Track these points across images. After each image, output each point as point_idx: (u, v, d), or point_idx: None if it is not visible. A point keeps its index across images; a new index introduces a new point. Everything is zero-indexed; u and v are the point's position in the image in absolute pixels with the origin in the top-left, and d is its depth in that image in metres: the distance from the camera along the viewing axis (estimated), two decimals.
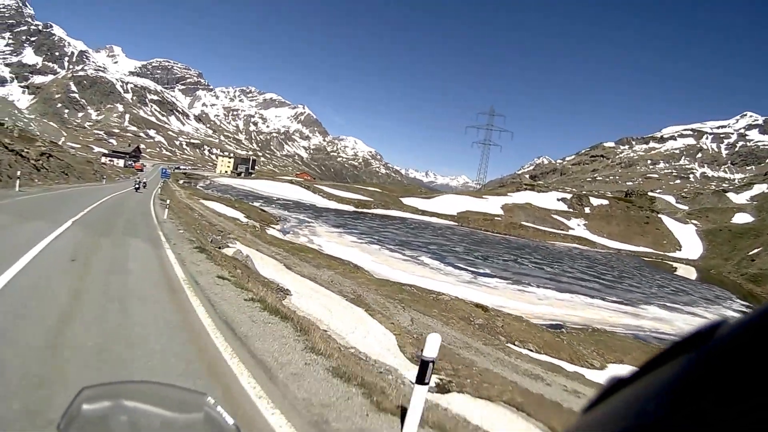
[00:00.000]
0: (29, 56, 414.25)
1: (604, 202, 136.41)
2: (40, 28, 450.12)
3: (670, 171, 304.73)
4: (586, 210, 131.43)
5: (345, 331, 11.11)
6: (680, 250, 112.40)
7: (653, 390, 0.44)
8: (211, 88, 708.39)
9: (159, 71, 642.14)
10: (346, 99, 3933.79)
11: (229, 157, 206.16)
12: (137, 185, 45.62)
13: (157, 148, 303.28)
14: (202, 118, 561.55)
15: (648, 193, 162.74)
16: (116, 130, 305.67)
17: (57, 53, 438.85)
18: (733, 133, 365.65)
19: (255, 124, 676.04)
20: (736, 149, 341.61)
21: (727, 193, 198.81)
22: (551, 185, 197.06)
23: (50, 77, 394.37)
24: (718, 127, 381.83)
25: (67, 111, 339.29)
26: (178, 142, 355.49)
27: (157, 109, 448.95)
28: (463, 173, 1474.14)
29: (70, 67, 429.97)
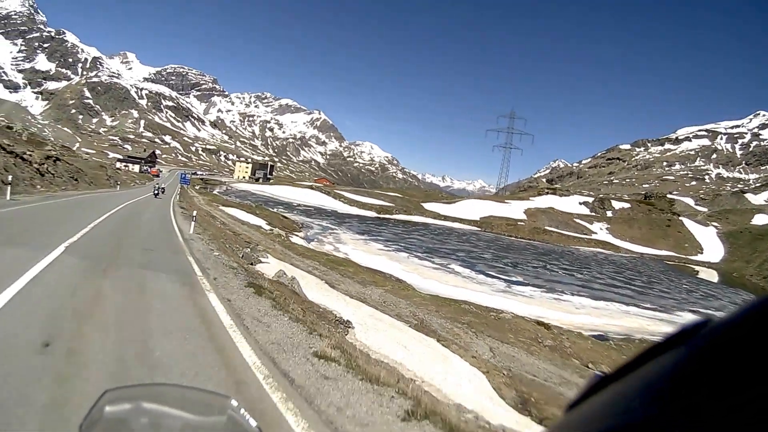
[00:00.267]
0: (42, 62, 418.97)
1: (626, 206, 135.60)
2: (53, 34, 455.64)
3: (686, 172, 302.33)
4: (608, 214, 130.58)
5: (432, 375, 9.99)
6: (702, 253, 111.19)
7: (638, 387, 0.44)
8: (227, 94, 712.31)
9: (174, 77, 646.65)
10: (361, 104, 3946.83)
11: (247, 163, 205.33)
12: (156, 191, 47.20)
13: (173, 154, 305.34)
14: (218, 124, 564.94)
15: (667, 196, 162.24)
16: (131, 136, 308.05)
17: (70, 59, 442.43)
18: (746, 133, 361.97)
19: (271, 130, 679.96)
20: (750, 149, 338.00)
21: (745, 194, 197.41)
22: (570, 189, 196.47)
23: (64, 83, 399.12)
24: (732, 127, 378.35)
25: (81, 117, 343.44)
26: (193, 148, 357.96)
27: (173, 115, 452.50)
28: (480, 177, 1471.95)
29: (84, 73, 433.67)
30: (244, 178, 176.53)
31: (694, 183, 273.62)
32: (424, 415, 4.80)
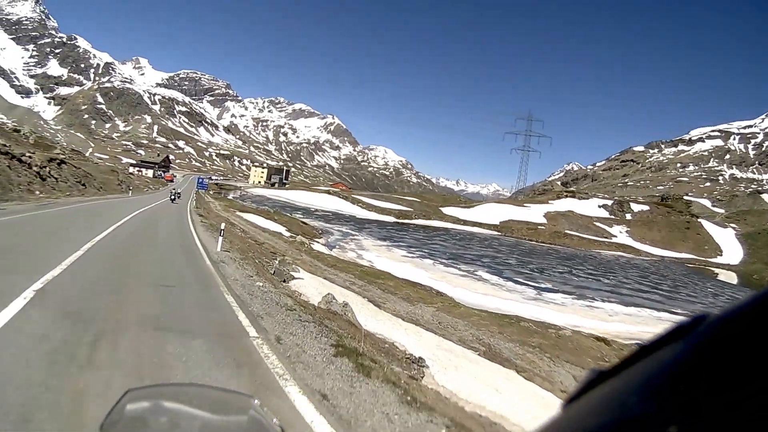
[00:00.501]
0: (54, 68, 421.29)
1: (645, 208, 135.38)
2: (65, 40, 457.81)
3: (700, 173, 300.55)
4: (627, 216, 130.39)
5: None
6: (721, 255, 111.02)
7: (636, 383, 0.44)
8: (240, 99, 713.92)
9: (186, 83, 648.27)
10: (375, 108, 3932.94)
11: (262, 168, 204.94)
12: (173, 196, 48.08)
13: (187, 159, 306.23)
14: (232, 129, 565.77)
15: (684, 197, 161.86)
16: (144, 141, 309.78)
17: (82, 65, 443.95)
18: (759, 133, 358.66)
19: (285, 135, 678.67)
20: (763, 149, 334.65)
21: (761, 195, 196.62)
22: (588, 192, 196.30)
23: (76, 89, 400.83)
24: (745, 127, 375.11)
25: (94, 122, 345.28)
26: (207, 153, 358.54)
27: (186, 121, 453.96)
28: (494, 181, 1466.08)
29: (96, 78, 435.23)
30: (259, 182, 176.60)
31: (708, 184, 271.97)
32: None
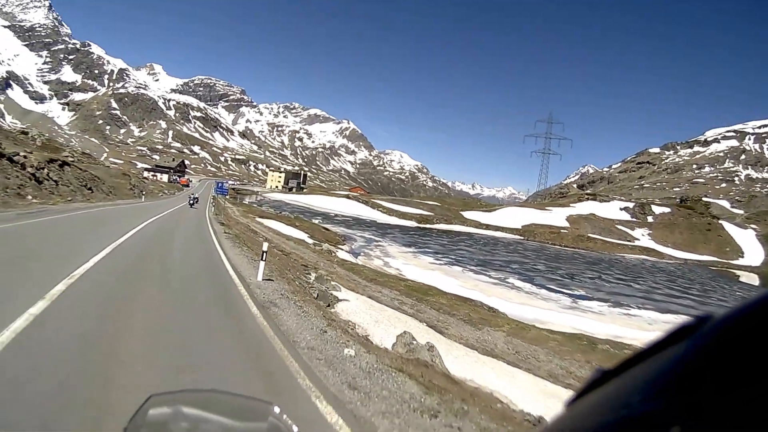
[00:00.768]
0: (68, 74, 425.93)
1: (666, 210, 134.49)
2: (78, 46, 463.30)
3: (716, 174, 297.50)
4: (649, 219, 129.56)
5: None
6: (742, 257, 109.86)
7: (639, 382, 0.44)
8: (255, 104, 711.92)
9: (201, 89, 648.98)
10: (390, 113, 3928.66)
11: (280, 172, 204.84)
12: (191, 200, 49.26)
13: (202, 164, 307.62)
14: (247, 134, 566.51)
15: (702, 199, 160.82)
16: (159, 147, 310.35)
17: (96, 71, 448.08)
18: None
19: (300, 140, 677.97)
20: None
21: None
22: (609, 195, 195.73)
23: (90, 94, 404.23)
24: (760, 127, 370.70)
25: (108, 128, 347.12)
26: (223, 158, 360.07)
27: (201, 126, 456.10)
28: (509, 184, 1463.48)
29: (110, 84, 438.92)
30: (277, 187, 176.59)
31: (724, 185, 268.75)
32: None
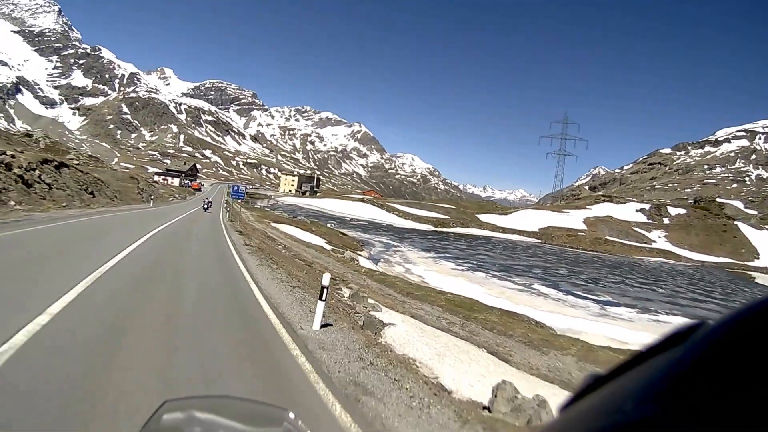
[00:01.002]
0: (78, 79, 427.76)
1: (682, 212, 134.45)
2: (88, 51, 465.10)
3: (727, 175, 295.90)
4: (665, 221, 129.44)
5: None
6: (758, 258, 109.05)
7: (633, 387, 0.45)
8: (266, 108, 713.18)
9: (212, 92, 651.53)
10: (401, 115, 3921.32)
11: (293, 176, 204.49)
12: (205, 205, 50.33)
13: (214, 168, 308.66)
14: (259, 138, 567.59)
15: (716, 200, 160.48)
16: (171, 151, 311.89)
17: (107, 75, 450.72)
18: None
19: (312, 143, 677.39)
20: None
21: None
22: (625, 196, 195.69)
23: (101, 99, 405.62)
24: None
25: (119, 132, 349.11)
26: (234, 162, 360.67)
27: (212, 130, 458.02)
28: (521, 187, 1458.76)
29: (121, 89, 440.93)
30: (290, 191, 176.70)
31: (735, 185, 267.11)
32: None
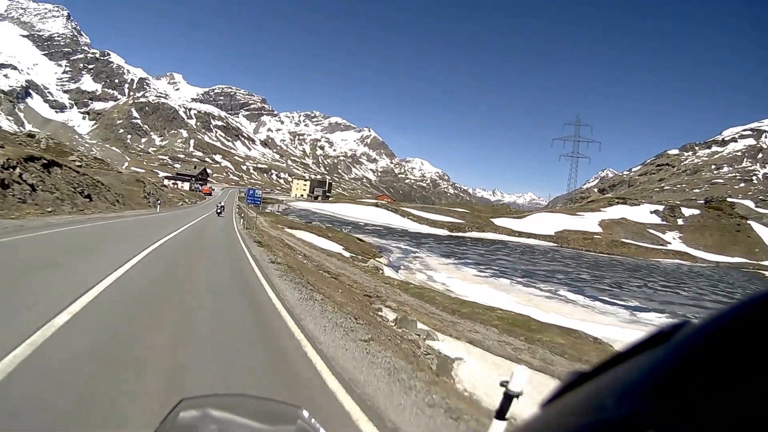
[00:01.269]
0: (88, 83, 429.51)
1: (695, 212, 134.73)
2: (98, 56, 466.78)
3: (734, 174, 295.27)
4: (679, 222, 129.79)
5: None
6: None
7: (613, 386, 0.45)
8: (276, 113, 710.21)
9: (222, 98, 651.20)
10: (410, 120, 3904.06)
11: (305, 180, 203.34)
12: (218, 209, 50.82)
13: (224, 173, 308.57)
14: (268, 143, 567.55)
15: (726, 199, 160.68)
16: (181, 156, 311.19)
17: (116, 80, 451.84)
18: None
19: (321, 148, 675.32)
20: None
21: None
22: (636, 199, 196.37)
23: (111, 104, 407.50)
24: None
25: (129, 137, 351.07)
26: (245, 167, 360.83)
27: (222, 135, 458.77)
28: (529, 190, 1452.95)
29: (131, 93, 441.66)
30: (302, 196, 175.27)
31: (742, 185, 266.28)
32: None
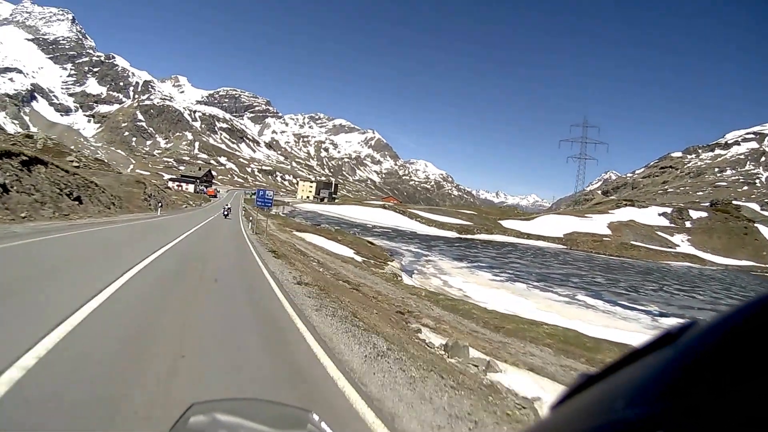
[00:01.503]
0: (93, 86, 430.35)
1: (703, 215, 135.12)
2: (102, 59, 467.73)
3: (737, 177, 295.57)
4: (687, 224, 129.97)
5: None
6: None
7: (623, 387, 0.45)
8: (280, 115, 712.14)
9: (226, 100, 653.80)
10: (414, 122, 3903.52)
11: (311, 182, 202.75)
12: (225, 211, 50.97)
13: (229, 175, 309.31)
14: (273, 145, 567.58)
15: (732, 202, 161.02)
16: (186, 158, 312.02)
17: (121, 83, 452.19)
18: None
19: (326, 150, 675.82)
20: None
21: None
22: (644, 201, 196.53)
23: (116, 106, 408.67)
24: None
25: (134, 139, 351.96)
26: (249, 169, 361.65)
27: (227, 137, 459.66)
28: (533, 192, 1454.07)
29: (136, 96, 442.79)
30: (308, 197, 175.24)
31: (745, 188, 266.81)
32: None
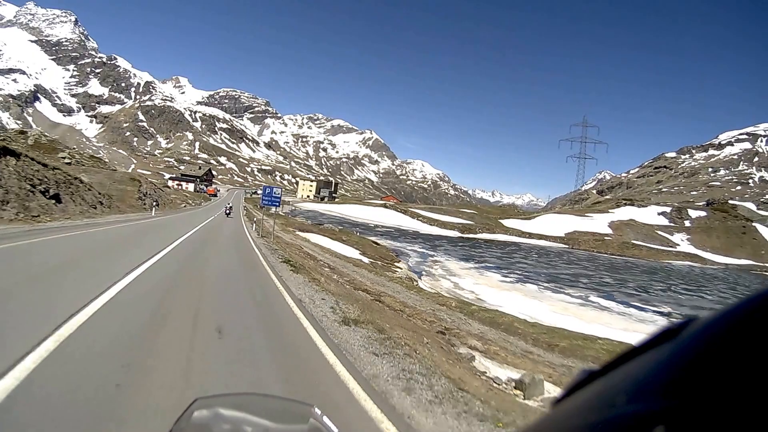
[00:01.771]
0: (95, 87, 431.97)
1: (702, 214, 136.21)
2: (105, 60, 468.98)
3: (731, 177, 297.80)
4: (686, 223, 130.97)
5: None
6: None
7: (624, 382, 0.45)
8: (280, 116, 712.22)
9: (227, 101, 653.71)
10: (411, 122, 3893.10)
11: (311, 181, 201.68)
12: (227, 210, 52.09)
13: (229, 175, 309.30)
14: (272, 146, 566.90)
15: (728, 202, 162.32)
16: (187, 158, 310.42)
17: (123, 84, 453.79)
18: None
19: (324, 150, 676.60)
20: None
21: None
22: (643, 200, 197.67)
23: (117, 107, 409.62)
24: None
25: (136, 139, 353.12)
26: (249, 169, 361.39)
27: (227, 137, 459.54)
28: (528, 191, 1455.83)
29: (137, 97, 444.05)
30: (308, 197, 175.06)
31: (739, 188, 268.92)
32: None
